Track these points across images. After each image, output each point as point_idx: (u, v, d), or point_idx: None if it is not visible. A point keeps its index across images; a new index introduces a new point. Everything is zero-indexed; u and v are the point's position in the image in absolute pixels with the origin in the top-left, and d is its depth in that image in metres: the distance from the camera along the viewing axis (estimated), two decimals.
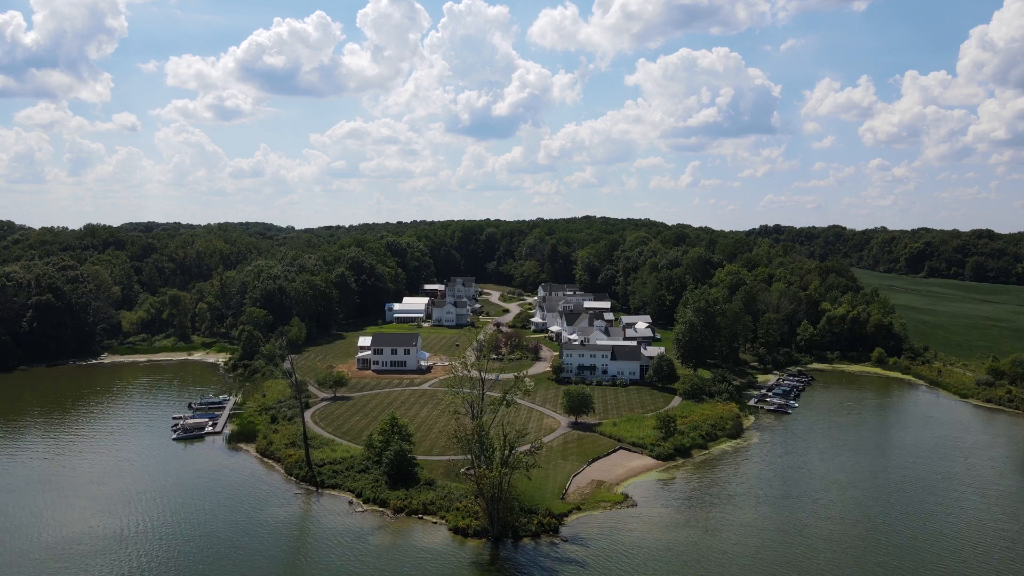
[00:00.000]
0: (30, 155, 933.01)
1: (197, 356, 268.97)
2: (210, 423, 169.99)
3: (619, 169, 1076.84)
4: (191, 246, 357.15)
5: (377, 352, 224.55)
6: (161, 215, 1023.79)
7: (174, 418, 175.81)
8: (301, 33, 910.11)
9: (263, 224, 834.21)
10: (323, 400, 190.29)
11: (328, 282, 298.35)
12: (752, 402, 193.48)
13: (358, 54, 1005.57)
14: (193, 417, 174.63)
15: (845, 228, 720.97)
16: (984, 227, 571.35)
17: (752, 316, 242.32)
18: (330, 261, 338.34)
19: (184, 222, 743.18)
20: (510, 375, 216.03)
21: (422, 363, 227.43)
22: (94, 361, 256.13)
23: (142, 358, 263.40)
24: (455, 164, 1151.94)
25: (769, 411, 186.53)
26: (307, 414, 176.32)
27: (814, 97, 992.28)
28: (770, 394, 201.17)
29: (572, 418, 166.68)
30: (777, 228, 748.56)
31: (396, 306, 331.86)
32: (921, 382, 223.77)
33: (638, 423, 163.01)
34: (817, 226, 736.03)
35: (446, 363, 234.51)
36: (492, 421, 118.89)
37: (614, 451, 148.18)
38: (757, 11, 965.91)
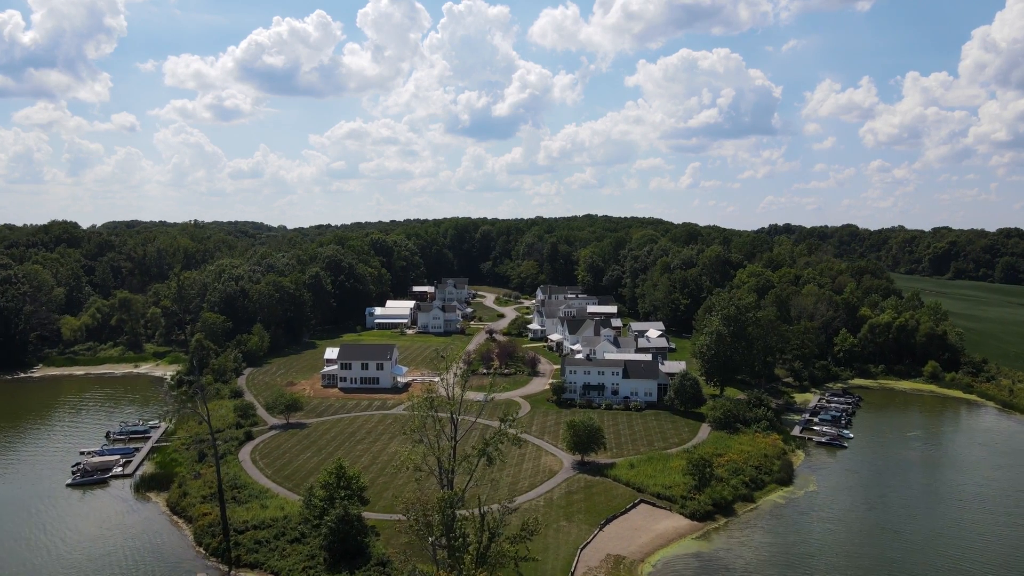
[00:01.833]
0: (29, 155, 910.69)
1: (145, 368, 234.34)
2: (121, 462, 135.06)
3: (619, 170, 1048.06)
4: (151, 244, 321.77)
5: (344, 367, 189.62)
6: (160, 216, 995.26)
7: (81, 453, 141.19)
8: (301, 33, 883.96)
9: (251, 223, 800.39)
10: (272, 429, 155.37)
11: (299, 283, 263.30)
12: (797, 431, 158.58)
13: (358, 54, 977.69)
14: (102, 453, 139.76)
15: (859, 227, 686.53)
16: (990, 227, 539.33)
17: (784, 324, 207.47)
18: (304, 260, 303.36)
19: (171, 221, 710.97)
20: (503, 395, 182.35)
21: (398, 380, 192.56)
22: (23, 374, 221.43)
23: (80, 370, 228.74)
24: (455, 165, 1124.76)
25: (820, 444, 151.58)
26: (247, 448, 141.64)
27: (815, 98, 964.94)
28: (816, 420, 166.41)
29: (578, 457, 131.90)
30: (788, 227, 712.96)
31: (378, 310, 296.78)
32: (989, 403, 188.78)
33: (662, 465, 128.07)
34: (830, 225, 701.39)
35: (426, 379, 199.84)
36: (468, 480, 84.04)
37: (634, 506, 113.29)
38: (759, 11, 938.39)
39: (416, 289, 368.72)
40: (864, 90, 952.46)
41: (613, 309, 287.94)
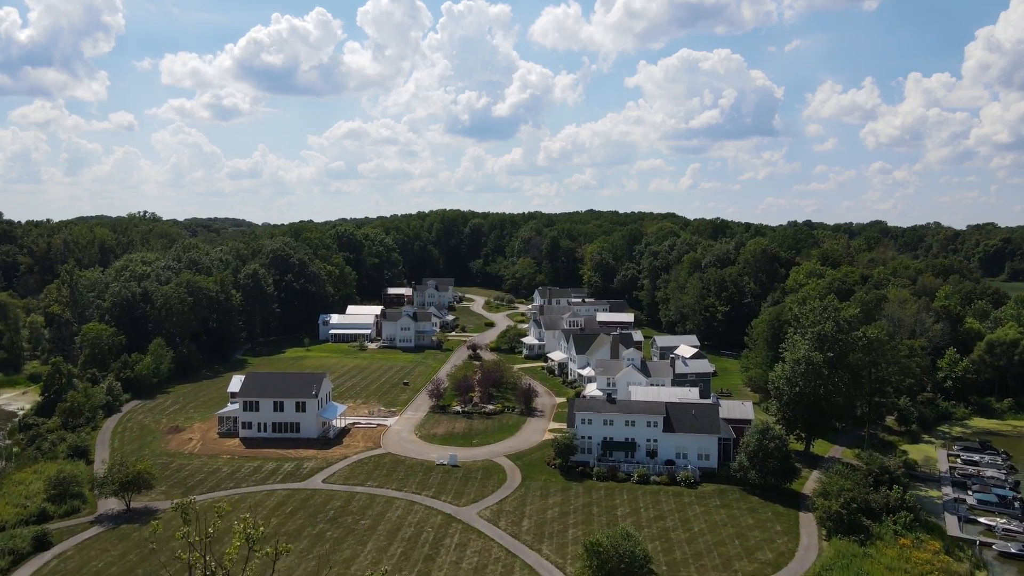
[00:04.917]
0: (26, 154, 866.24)
1: (5, 397, 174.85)
2: None
3: (619, 171, 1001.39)
4: (57, 235, 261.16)
5: (249, 407, 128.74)
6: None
7: None
8: (300, 31, 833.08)
9: (231, 219, 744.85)
10: (96, 522, 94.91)
11: (225, 284, 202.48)
12: (955, 528, 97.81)
13: (358, 53, 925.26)
14: None
15: (888, 224, 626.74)
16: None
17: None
18: (245, 256, 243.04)
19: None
20: (481, 450, 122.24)
21: (331, 425, 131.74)
22: None
23: None
24: (454, 166, 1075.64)
25: (1005, 555, 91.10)
26: (24, 573, 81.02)
27: (816, 99, 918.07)
28: (975, 502, 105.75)
29: None
30: (809, 224, 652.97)
31: (334, 319, 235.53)
32: None
33: None
34: (856, 222, 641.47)
35: (375, 422, 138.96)
36: None
37: None
38: (763, 10, 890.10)
39: (392, 291, 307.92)
40: (866, 91, 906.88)
41: (629, 318, 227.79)
